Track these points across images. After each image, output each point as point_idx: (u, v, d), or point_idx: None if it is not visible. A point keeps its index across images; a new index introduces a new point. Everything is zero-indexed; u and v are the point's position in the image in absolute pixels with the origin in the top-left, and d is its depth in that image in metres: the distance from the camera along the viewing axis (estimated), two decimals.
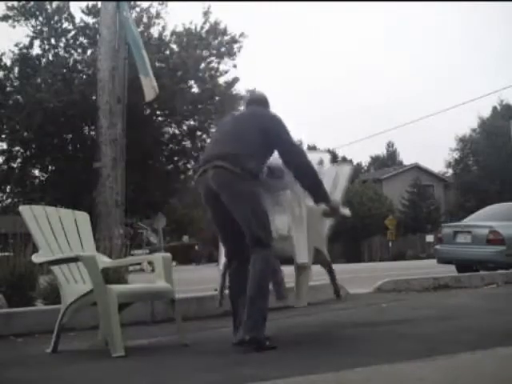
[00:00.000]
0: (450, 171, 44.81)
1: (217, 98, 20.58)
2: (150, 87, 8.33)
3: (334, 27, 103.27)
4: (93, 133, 17.36)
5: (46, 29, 19.52)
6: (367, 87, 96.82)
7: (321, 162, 4.27)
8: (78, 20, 19.53)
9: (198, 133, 21.61)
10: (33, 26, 19.55)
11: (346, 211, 4.37)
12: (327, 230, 4.44)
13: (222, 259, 4.24)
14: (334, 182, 4.46)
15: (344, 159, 42.82)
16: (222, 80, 20.90)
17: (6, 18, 19.35)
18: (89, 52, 19.39)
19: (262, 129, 3.90)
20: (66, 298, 3.96)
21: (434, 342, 3.62)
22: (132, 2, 17.60)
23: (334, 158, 41.09)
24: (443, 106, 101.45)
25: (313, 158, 4.25)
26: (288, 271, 4.22)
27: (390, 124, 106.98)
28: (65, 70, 19.07)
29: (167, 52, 20.07)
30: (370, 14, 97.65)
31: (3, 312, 4.96)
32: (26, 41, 19.33)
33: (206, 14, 20.36)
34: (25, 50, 19.29)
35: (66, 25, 19.59)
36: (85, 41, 19.57)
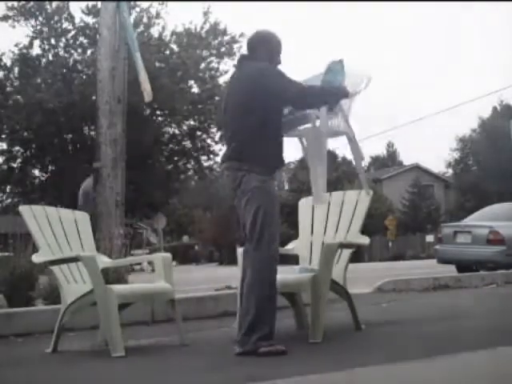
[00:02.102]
0: (450, 171, 44.84)
1: (217, 98, 20.53)
2: (148, 88, 8.31)
3: (334, 26, 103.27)
4: (93, 133, 17.35)
5: (45, 29, 19.49)
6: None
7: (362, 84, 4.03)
8: (77, 20, 19.51)
9: (198, 133, 21.60)
10: (33, 26, 19.53)
11: (364, 240, 4.33)
12: (347, 259, 4.30)
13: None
14: (355, 208, 4.43)
15: (344, 159, 42.77)
16: (221, 80, 20.90)
17: (5, 18, 19.33)
18: (89, 52, 19.37)
19: (259, 95, 3.66)
20: (65, 298, 3.96)
21: (434, 342, 3.62)
22: (132, 2, 17.58)
23: (334, 159, 41.16)
24: (443, 106, 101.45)
25: (354, 82, 4.02)
26: None
27: (390, 124, 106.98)
28: (65, 70, 19.06)
29: (167, 52, 20.04)
30: (369, 14, 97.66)
31: (3, 312, 4.96)
32: (26, 41, 19.34)
33: (206, 14, 20.36)
34: (25, 50, 19.27)
35: (65, 25, 19.56)
36: (85, 41, 19.55)
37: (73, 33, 19.59)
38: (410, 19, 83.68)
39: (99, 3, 10.94)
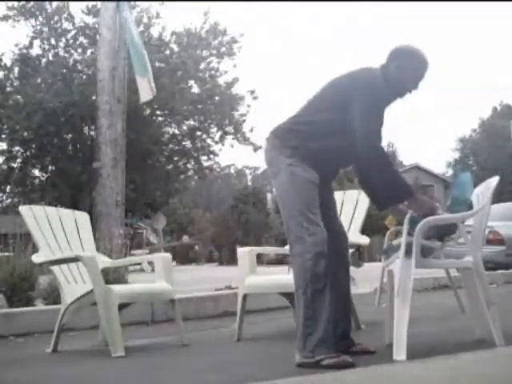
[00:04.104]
0: (450, 171, 44.90)
1: (217, 98, 20.57)
2: (146, 88, 8.31)
3: (334, 26, 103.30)
4: (93, 133, 17.35)
5: (45, 29, 19.50)
6: None
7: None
8: (77, 20, 19.54)
9: (198, 133, 21.60)
10: (33, 26, 19.55)
11: (364, 240, 4.32)
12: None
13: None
14: (355, 208, 4.43)
15: None
16: (221, 80, 20.91)
17: (6, 18, 19.35)
18: (89, 52, 19.38)
19: (343, 98, 3.21)
20: (66, 298, 3.97)
21: (434, 342, 3.62)
22: (132, 2, 17.59)
23: None
24: (443, 106, 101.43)
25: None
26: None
27: (390, 123, 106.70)
28: (65, 70, 19.06)
29: (167, 52, 20.06)
30: (368, 12, 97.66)
31: (3, 312, 4.97)
32: (26, 41, 19.35)
33: (206, 14, 20.37)
34: (25, 50, 19.28)
35: (65, 25, 19.58)
36: (85, 41, 19.56)
37: (73, 33, 19.61)
38: (409, 17, 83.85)
39: (99, 3, 10.96)
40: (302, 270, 3.06)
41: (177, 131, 21.91)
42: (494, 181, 3.46)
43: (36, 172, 21.26)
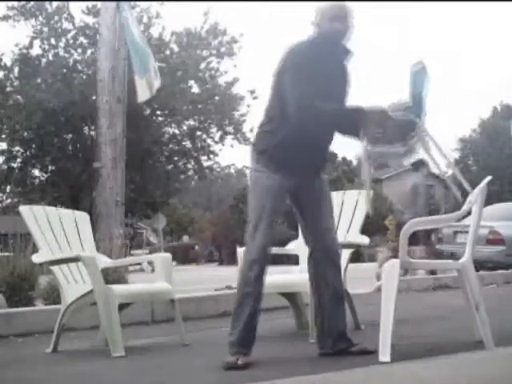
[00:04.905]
0: (450, 171, 44.86)
1: (217, 98, 20.56)
2: (144, 88, 8.29)
3: None
4: (93, 133, 17.35)
5: (45, 29, 19.49)
6: (366, 87, 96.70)
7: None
8: (77, 20, 19.53)
9: (198, 133, 21.60)
10: (33, 26, 19.53)
11: (364, 240, 4.32)
12: (347, 259, 4.24)
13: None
14: (355, 208, 4.43)
15: (344, 159, 42.76)
16: (222, 80, 20.90)
17: (6, 18, 19.35)
18: (89, 52, 19.37)
19: (277, 75, 3.27)
20: (66, 298, 3.97)
21: (434, 342, 3.62)
22: (132, 2, 17.58)
23: (334, 158, 41.24)
24: (443, 106, 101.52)
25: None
26: None
27: None
28: (65, 70, 19.05)
29: (167, 52, 20.06)
30: (370, 12, 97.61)
31: (3, 312, 4.97)
32: (26, 41, 19.34)
33: (206, 14, 20.36)
34: (25, 50, 19.28)
35: (65, 25, 19.57)
36: (85, 41, 19.56)
37: (73, 33, 19.60)
38: (409, 16, 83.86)
39: (99, 3, 10.95)
40: (240, 272, 3.34)
41: (177, 131, 21.91)
42: (484, 181, 3.47)
43: (36, 172, 21.26)
